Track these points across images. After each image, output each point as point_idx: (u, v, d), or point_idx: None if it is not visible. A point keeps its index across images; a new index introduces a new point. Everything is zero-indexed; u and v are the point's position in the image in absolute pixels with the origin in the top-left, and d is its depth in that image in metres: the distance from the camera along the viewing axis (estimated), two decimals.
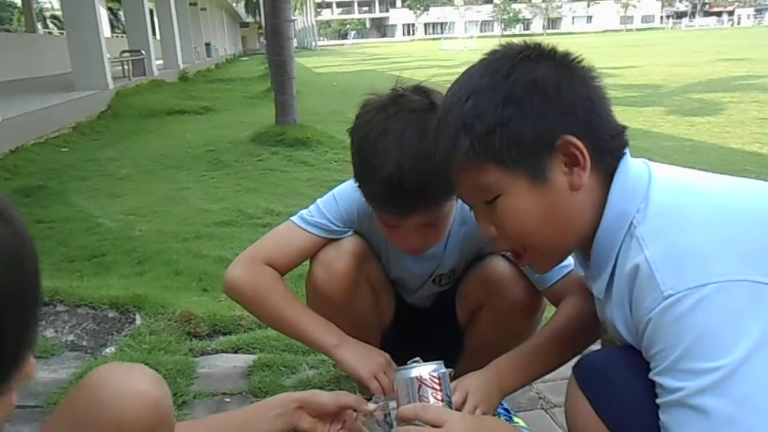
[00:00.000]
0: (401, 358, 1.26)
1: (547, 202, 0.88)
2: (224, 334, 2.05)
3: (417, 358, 0.96)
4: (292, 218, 1.34)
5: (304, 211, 1.34)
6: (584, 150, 0.85)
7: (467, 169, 0.89)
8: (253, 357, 1.85)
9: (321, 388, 1.66)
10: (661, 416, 0.80)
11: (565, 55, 0.90)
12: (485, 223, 0.94)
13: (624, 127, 0.92)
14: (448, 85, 0.96)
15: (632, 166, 0.90)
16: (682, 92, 10.18)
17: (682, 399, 0.76)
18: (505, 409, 1.38)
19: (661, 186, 0.87)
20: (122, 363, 0.87)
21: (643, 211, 0.85)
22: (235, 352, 1.91)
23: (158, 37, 18.42)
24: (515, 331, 1.33)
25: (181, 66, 17.23)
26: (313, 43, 59.55)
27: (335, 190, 1.34)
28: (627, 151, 0.91)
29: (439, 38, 50.55)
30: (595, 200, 0.89)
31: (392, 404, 1.04)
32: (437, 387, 0.92)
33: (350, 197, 1.31)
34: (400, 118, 1.11)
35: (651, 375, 0.81)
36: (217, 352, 1.92)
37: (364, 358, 1.25)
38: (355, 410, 1.06)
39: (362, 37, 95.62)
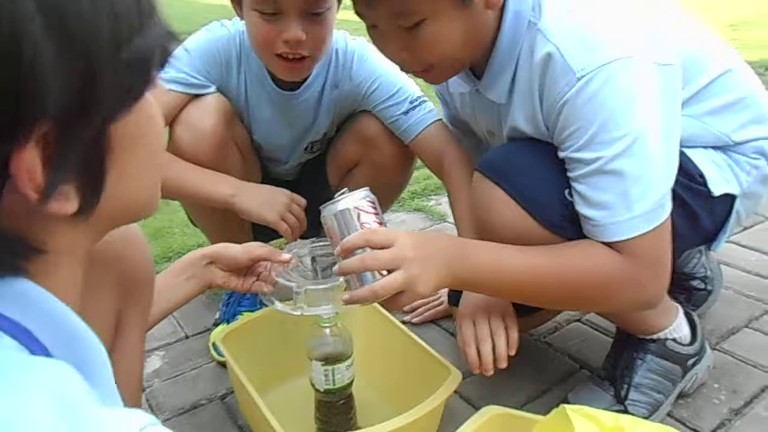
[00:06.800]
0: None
1: (468, 23, 0.88)
2: None
3: (344, 189, 0.91)
4: None
5: None
6: None
7: None
8: None
9: None
10: (578, 187, 0.87)
11: None
12: (397, 48, 0.91)
13: None
14: None
15: None
16: None
17: (599, 167, 0.83)
18: None
19: None
20: None
21: (537, 7, 0.89)
22: None
23: None
24: (389, 186, 1.40)
25: None
26: None
27: (186, 43, 1.24)
28: None
29: None
30: (498, 12, 0.91)
31: (320, 245, 1.01)
32: (374, 211, 0.88)
33: (206, 42, 1.24)
34: None
35: (567, 153, 0.87)
36: None
37: (266, 202, 1.21)
38: (268, 261, 1.00)
39: None
